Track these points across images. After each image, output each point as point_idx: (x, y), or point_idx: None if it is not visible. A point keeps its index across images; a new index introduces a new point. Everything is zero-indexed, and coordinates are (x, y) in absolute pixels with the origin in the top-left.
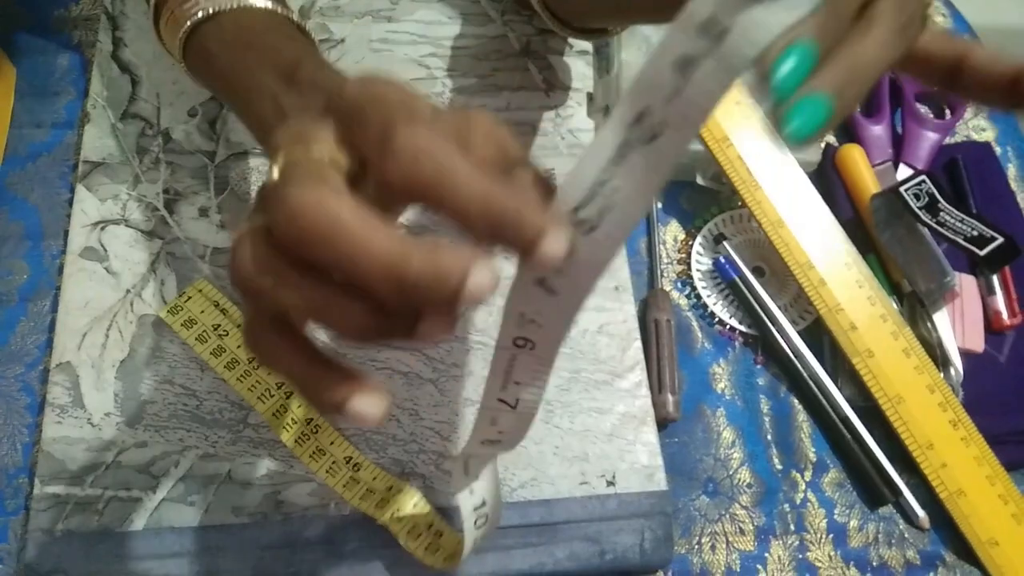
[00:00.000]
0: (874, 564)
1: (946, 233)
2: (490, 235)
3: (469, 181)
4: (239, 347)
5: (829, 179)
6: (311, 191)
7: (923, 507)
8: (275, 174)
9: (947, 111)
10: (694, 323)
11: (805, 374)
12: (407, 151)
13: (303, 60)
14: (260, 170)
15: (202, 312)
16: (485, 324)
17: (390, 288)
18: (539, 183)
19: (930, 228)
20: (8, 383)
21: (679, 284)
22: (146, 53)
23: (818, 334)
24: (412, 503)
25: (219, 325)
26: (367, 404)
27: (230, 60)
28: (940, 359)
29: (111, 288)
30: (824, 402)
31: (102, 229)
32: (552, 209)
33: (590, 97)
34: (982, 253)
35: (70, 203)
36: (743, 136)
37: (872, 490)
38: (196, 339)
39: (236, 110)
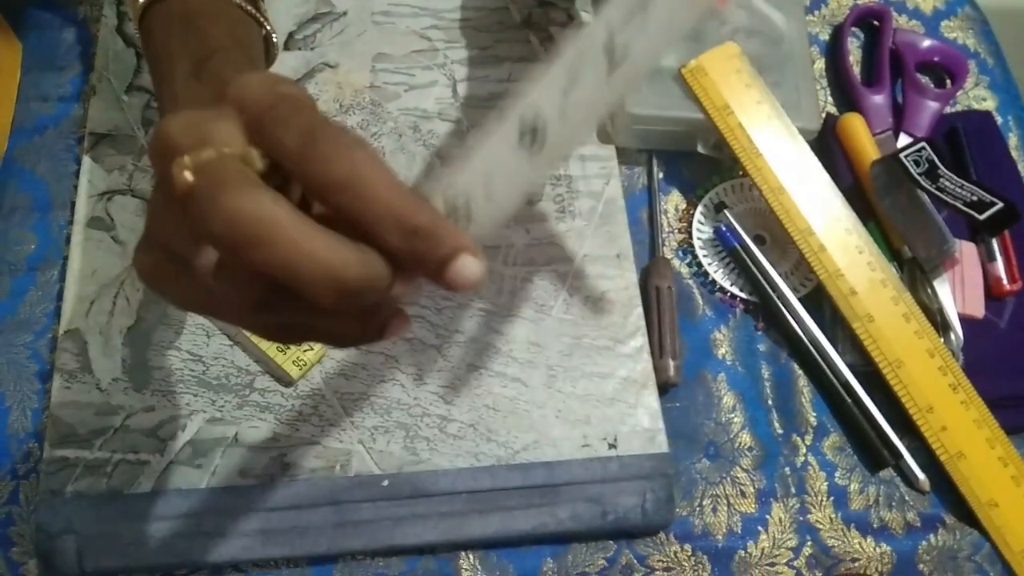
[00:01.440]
0: (875, 526)
1: (946, 199)
2: (402, 246)
3: (387, 188)
4: None
5: (830, 148)
6: (248, 198)
7: (923, 470)
8: (187, 177)
9: (947, 81)
10: (695, 290)
11: (806, 339)
12: (328, 151)
13: (218, 52)
14: None
15: None
16: (488, 292)
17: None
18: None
19: (930, 194)
20: (17, 351)
21: (680, 252)
22: None
23: (819, 301)
24: None
25: None
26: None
27: (162, 43)
28: (940, 324)
29: (118, 257)
30: (824, 367)
31: (108, 199)
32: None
33: None
34: (982, 217)
35: (77, 175)
36: (744, 105)
37: (872, 453)
38: None
39: (156, 95)
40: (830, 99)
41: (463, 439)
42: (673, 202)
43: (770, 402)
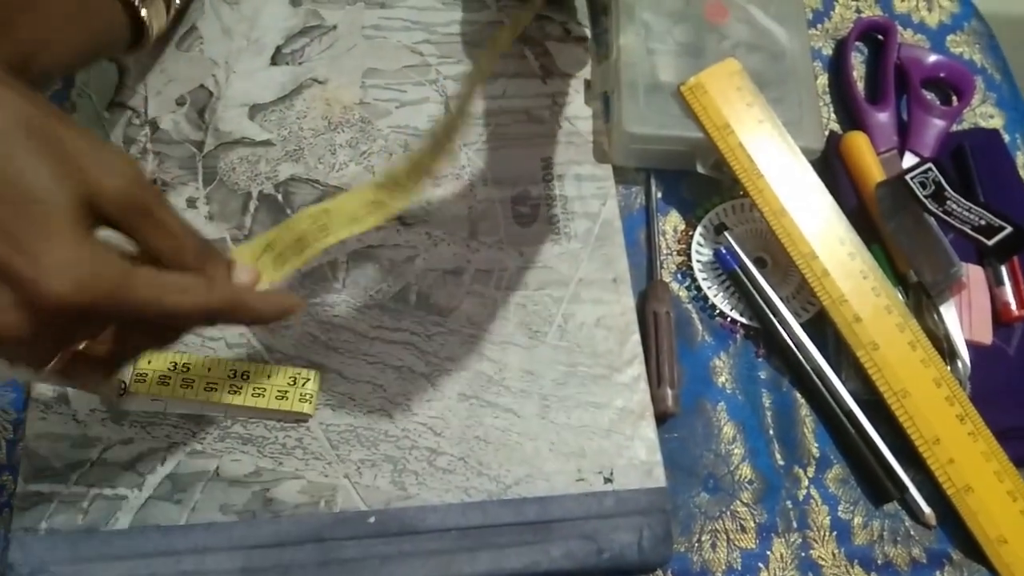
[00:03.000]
0: (879, 562)
1: (953, 222)
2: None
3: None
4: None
5: (833, 167)
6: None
7: (929, 504)
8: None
9: (954, 97)
10: (694, 315)
11: (808, 367)
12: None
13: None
14: (250, 160)
15: None
16: (480, 317)
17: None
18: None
19: (937, 217)
20: None
21: (679, 275)
22: None
23: (821, 326)
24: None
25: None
26: None
27: None
28: (947, 352)
29: None
30: (827, 396)
31: None
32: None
33: (588, 84)
34: (990, 243)
35: None
36: (745, 123)
37: (877, 486)
38: None
39: None
40: (833, 116)
41: (453, 473)
42: (672, 223)
43: (771, 432)
